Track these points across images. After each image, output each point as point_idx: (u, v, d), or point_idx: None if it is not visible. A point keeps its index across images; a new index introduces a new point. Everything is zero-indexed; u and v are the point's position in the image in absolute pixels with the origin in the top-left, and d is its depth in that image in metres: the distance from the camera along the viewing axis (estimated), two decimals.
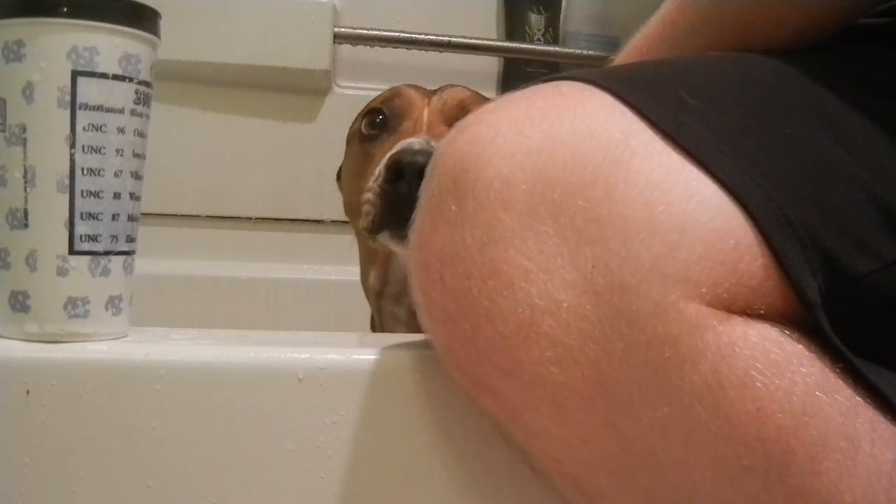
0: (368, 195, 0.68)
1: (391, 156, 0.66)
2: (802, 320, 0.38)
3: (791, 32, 0.47)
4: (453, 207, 0.38)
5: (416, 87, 0.79)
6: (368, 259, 0.82)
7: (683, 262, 0.35)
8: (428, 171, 0.41)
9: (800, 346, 0.37)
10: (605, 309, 0.36)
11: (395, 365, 0.45)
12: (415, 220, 0.41)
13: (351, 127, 0.83)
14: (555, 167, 0.37)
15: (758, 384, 0.35)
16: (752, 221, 0.37)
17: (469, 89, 0.79)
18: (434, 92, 0.78)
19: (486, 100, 0.77)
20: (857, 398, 0.37)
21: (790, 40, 0.46)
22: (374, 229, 0.68)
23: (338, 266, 1.21)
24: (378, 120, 0.77)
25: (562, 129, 0.38)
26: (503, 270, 0.36)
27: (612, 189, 0.36)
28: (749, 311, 0.37)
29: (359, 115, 0.81)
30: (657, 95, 0.40)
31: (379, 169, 0.67)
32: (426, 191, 0.40)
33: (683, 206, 0.36)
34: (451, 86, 0.79)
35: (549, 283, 0.36)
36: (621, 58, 0.56)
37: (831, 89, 0.43)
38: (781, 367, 0.36)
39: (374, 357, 0.45)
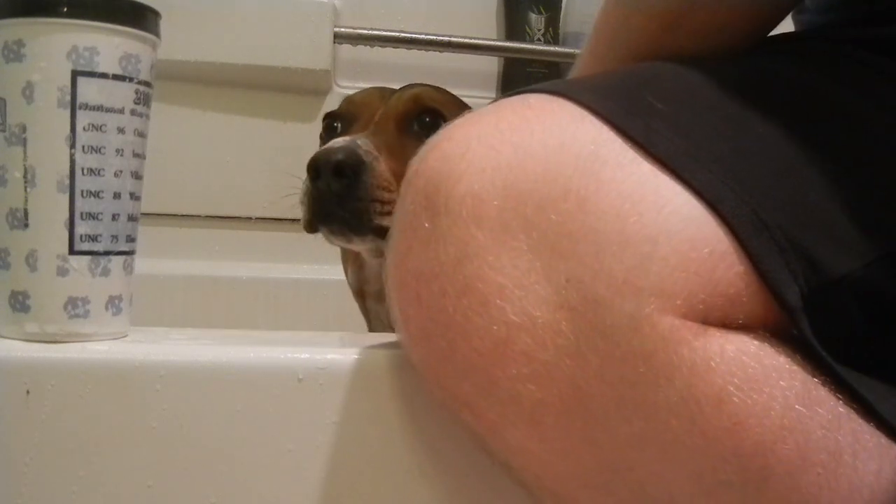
0: (301, 195, 0.71)
1: (312, 157, 0.68)
2: (785, 328, 0.37)
3: (707, 37, 0.46)
4: (427, 225, 0.37)
5: (381, 90, 0.78)
6: (343, 257, 0.83)
7: (657, 274, 0.35)
8: (402, 188, 0.40)
9: (781, 358, 0.36)
10: (579, 324, 0.35)
11: (395, 365, 0.45)
12: (390, 238, 0.40)
13: None
14: (526, 181, 0.36)
15: (734, 399, 0.35)
16: (726, 228, 0.36)
17: (432, 87, 0.77)
18: (395, 92, 0.78)
19: (450, 95, 0.77)
20: (840, 409, 0.36)
21: (715, 45, 0.46)
22: (308, 227, 0.72)
23: (337, 266, 1.21)
24: (333, 125, 0.78)
25: (531, 142, 0.37)
26: (478, 287, 0.36)
27: (583, 202, 0.36)
28: (728, 322, 0.36)
29: None
30: (626, 103, 0.39)
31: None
32: (400, 209, 0.40)
33: (655, 217, 0.35)
34: (414, 84, 0.77)
35: (524, 299, 0.36)
36: (574, 71, 0.55)
37: (799, 87, 0.42)
38: (759, 381, 0.35)
39: (374, 357, 0.45)
